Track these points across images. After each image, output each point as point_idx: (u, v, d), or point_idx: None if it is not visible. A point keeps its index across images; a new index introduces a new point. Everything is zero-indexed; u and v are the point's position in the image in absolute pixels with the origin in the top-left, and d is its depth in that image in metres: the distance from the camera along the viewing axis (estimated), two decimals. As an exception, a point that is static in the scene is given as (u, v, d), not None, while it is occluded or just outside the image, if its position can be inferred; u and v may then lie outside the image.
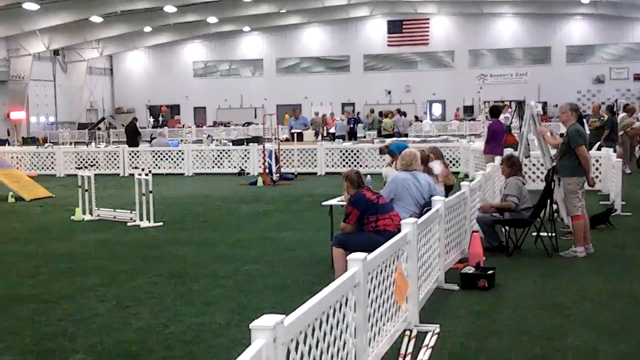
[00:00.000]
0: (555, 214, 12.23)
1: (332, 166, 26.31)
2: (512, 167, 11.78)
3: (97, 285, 9.81)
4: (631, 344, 7.08)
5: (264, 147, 24.51)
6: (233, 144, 30.41)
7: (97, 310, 8.58)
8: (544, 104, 56.31)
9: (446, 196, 10.55)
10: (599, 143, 20.88)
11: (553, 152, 13.16)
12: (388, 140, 28.29)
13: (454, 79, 63.26)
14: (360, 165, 25.38)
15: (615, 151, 19.75)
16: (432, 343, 7.10)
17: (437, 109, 65.03)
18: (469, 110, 62.38)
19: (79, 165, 28.11)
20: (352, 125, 38.33)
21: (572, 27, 62.19)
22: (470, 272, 9.38)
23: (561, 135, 13.22)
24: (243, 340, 6.90)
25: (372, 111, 39.54)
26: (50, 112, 61.80)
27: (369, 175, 12.21)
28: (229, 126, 57.65)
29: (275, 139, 25.96)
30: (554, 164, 12.72)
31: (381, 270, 6.62)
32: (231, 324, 7.81)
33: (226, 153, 28.06)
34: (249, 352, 3.65)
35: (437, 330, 7.47)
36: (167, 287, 9.59)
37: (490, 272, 9.33)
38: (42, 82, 59.89)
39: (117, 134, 52.61)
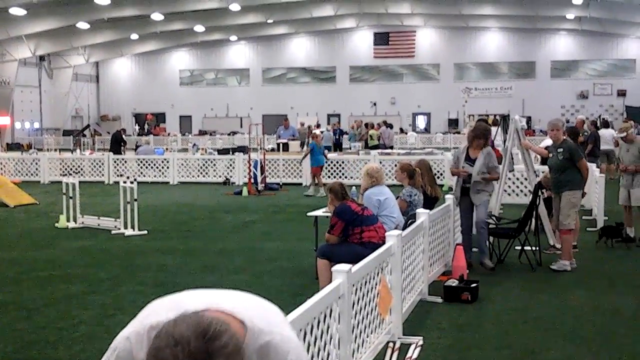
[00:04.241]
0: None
1: (317, 177, 26.30)
2: (482, 138, 11.55)
3: (80, 293, 9.79)
4: (613, 358, 7.13)
5: (249, 156, 24.50)
6: (218, 153, 30.39)
7: (80, 318, 8.56)
8: (528, 118, 56.57)
9: (431, 209, 10.60)
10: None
11: (536, 167, 13.25)
12: (373, 152, 28.39)
13: (439, 91, 63.47)
14: (345, 177, 25.41)
15: (598, 166, 19.89)
16: (415, 355, 7.12)
17: (421, 122, 65.19)
18: (453, 123, 62.58)
19: (64, 172, 27.98)
20: (337, 137, 38.37)
21: (557, 42, 62.60)
22: (454, 284, 9.42)
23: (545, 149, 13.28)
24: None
25: (363, 123, 39.53)
26: (35, 118, 61.50)
27: (353, 187, 12.26)
28: (214, 135, 57.57)
29: (260, 148, 25.97)
30: (539, 178, 12.82)
31: (365, 282, 6.64)
32: (215, 334, 7.79)
33: (211, 162, 28.04)
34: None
35: (420, 342, 7.50)
36: (151, 296, 9.47)
37: (473, 285, 9.37)
38: (28, 87, 59.60)
39: (102, 141, 52.42)
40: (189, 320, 1.75)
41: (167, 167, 27.84)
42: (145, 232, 15.06)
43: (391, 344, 7.46)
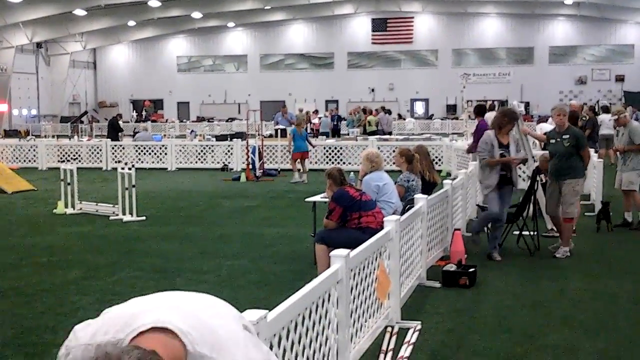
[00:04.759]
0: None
1: (316, 163, 26.28)
2: (513, 122, 11.18)
3: (78, 279, 9.80)
4: (610, 342, 7.16)
5: (247, 143, 24.47)
6: (216, 140, 30.35)
7: (78, 303, 8.57)
8: (527, 104, 56.55)
9: (429, 194, 10.60)
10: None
11: (535, 152, 13.23)
12: (371, 138, 28.38)
13: (437, 77, 63.38)
14: (344, 163, 25.40)
15: (596, 151, 19.90)
16: (413, 339, 7.14)
17: (419, 108, 65.16)
18: (452, 109, 62.55)
19: (61, 158, 27.96)
20: (335, 123, 38.36)
21: (555, 28, 62.50)
22: (452, 269, 9.44)
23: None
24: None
25: (361, 109, 39.47)
26: (33, 105, 61.38)
27: (352, 173, 12.25)
28: (212, 121, 57.49)
29: (258, 135, 25.95)
30: (537, 164, 12.80)
31: (364, 267, 6.65)
32: (213, 319, 7.81)
33: (209, 148, 28.02)
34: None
35: (419, 327, 7.52)
36: (150, 282, 9.58)
37: (471, 269, 9.39)
38: (25, 74, 59.45)
39: (99, 128, 52.36)
40: None
41: (165, 154, 27.82)
42: (144, 218, 15.07)
43: (389, 329, 7.48)
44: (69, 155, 28.49)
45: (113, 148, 28.53)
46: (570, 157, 11.15)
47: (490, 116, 19.52)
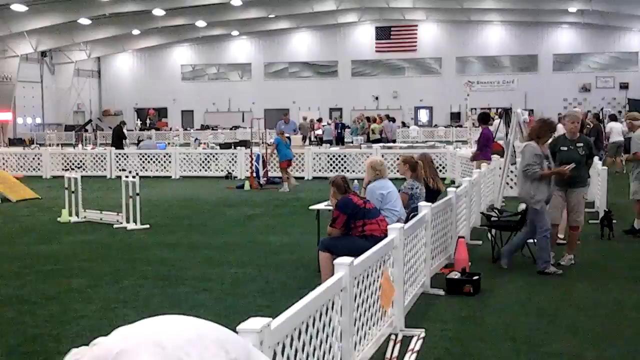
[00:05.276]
0: None
1: (320, 171, 26.30)
2: (553, 132, 11.11)
3: (83, 287, 9.80)
4: (615, 351, 7.13)
5: (251, 151, 24.50)
6: (220, 148, 30.37)
7: (82, 312, 8.57)
8: (531, 112, 56.51)
9: (433, 202, 10.59)
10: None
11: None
12: (375, 146, 28.37)
13: (441, 85, 63.44)
14: (347, 170, 25.38)
15: (601, 159, 19.88)
16: (417, 347, 7.13)
17: (423, 115, 65.20)
18: (456, 116, 62.55)
19: (66, 167, 27.99)
20: (339, 130, 38.37)
21: (559, 35, 62.55)
22: (456, 277, 9.43)
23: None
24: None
25: (365, 117, 39.48)
26: (37, 113, 61.54)
27: (355, 181, 12.25)
28: (216, 130, 57.57)
29: (262, 143, 25.95)
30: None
31: (367, 275, 6.64)
32: (217, 327, 7.79)
33: (213, 156, 28.02)
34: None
35: (423, 334, 7.50)
36: (154, 290, 9.58)
37: (475, 277, 9.38)
38: (29, 83, 59.62)
39: (104, 136, 52.46)
40: None
41: (169, 162, 27.83)
42: (148, 226, 15.07)
43: (393, 337, 7.46)
44: (73, 164, 28.52)
45: (117, 156, 28.56)
46: (583, 166, 11.06)
47: (496, 124, 19.61)
